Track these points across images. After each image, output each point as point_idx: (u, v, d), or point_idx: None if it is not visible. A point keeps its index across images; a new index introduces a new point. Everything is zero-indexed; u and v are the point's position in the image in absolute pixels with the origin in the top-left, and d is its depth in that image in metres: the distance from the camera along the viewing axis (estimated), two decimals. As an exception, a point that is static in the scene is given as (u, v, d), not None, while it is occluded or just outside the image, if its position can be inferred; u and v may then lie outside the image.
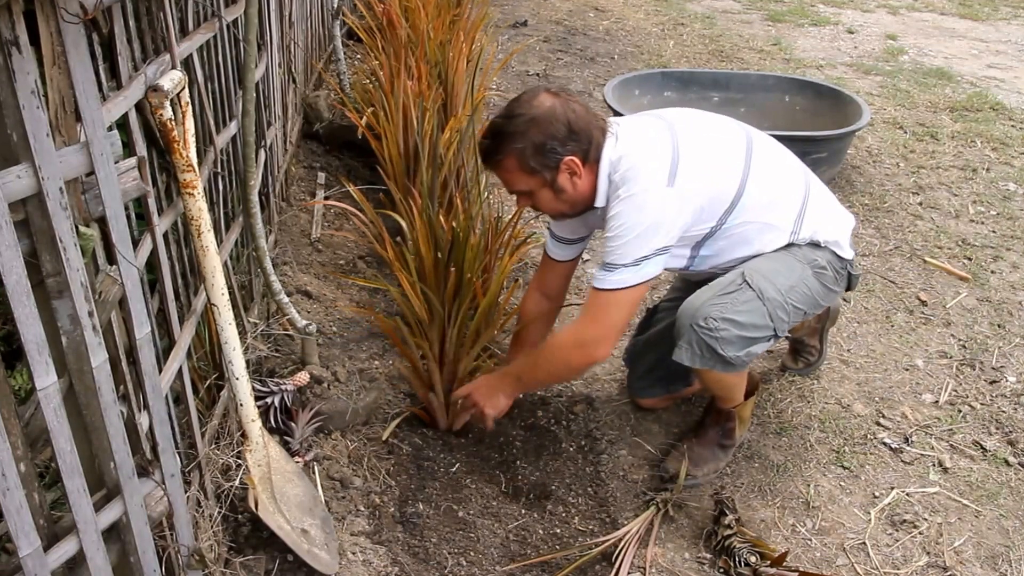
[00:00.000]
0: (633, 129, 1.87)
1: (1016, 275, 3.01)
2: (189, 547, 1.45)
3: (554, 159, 1.78)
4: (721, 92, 4.06)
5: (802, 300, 1.88)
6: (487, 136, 1.83)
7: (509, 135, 1.77)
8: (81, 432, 1.13)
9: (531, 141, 1.76)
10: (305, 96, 3.54)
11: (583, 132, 1.78)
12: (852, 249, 2.00)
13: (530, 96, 1.81)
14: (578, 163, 1.79)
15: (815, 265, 1.91)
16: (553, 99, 1.79)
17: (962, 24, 6.52)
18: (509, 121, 1.78)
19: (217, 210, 1.96)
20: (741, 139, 1.92)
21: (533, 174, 1.80)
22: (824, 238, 1.92)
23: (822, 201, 1.99)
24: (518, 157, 1.78)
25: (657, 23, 6.32)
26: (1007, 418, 2.31)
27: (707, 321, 1.79)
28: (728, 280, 1.85)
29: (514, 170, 1.81)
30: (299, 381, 2.07)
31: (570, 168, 1.79)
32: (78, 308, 1.05)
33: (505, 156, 1.79)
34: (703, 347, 1.81)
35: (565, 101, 1.80)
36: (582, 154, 1.79)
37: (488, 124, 1.85)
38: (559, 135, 1.76)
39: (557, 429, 2.23)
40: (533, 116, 1.76)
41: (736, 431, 2.11)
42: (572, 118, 1.77)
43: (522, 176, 1.81)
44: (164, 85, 1.33)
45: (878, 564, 1.85)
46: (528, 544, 1.88)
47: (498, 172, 1.86)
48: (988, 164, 3.88)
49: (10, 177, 0.93)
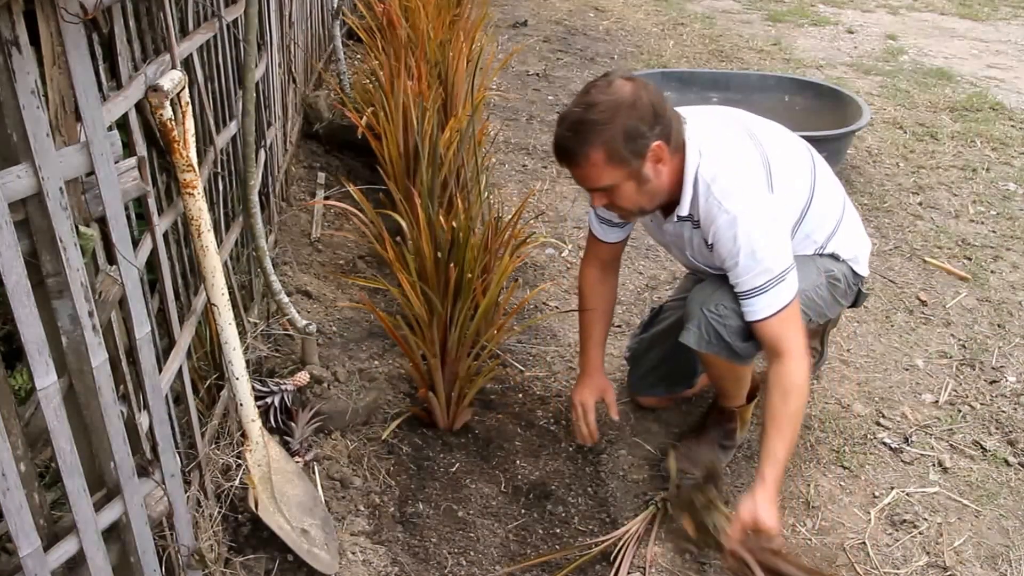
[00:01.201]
0: (708, 131, 1.77)
1: (1016, 275, 3.01)
2: (189, 547, 1.45)
3: (643, 145, 1.64)
4: (721, 92, 4.06)
5: (810, 305, 1.88)
6: (568, 130, 1.66)
7: (595, 125, 1.62)
8: (81, 432, 1.13)
9: (621, 128, 1.61)
10: (305, 96, 3.54)
11: (666, 115, 1.67)
12: (868, 268, 2.02)
13: (605, 83, 1.66)
14: (664, 148, 1.66)
15: (831, 275, 1.92)
16: (631, 84, 1.65)
17: (962, 24, 6.52)
18: (591, 109, 1.63)
19: (217, 210, 1.96)
20: (805, 149, 1.93)
21: (622, 165, 1.65)
22: (845, 254, 1.94)
23: (853, 218, 2.01)
24: (607, 147, 1.62)
25: (657, 23, 6.32)
26: (1007, 418, 2.31)
27: (717, 307, 1.78)
28: None
29: (601, 163, 1.65)
30: (299, 381, 2.07)
31: (657, 155, 1.66)
32: (78, 308, 1.05)
33: (592, 148, 1.63)
34: (711, 332, 1.80)
35: (640, 84, 1.66)
36: (667, 139, 1.67)
37: (564, 118, 1.68)
38: (647, 119, 1.63)
39: (557, 429, 2.23)
40: (619, 102, 1.62)
41: (737, 432, 2.11)
42: (656, 100, 1.65)
43: (609, 169, 1.66)
44: (164, 85, 1.33)
45: (878, 564, 1.85)
46: (528, 544, 1.88)
47: (580, 168, 1.69)
48: (988, 164, 3.88)
49: (10, 177, 0.93)
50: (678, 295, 2.28)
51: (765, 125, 1.91)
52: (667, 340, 2.12)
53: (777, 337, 1.72)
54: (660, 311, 2.26)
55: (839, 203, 1.96)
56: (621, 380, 2.40)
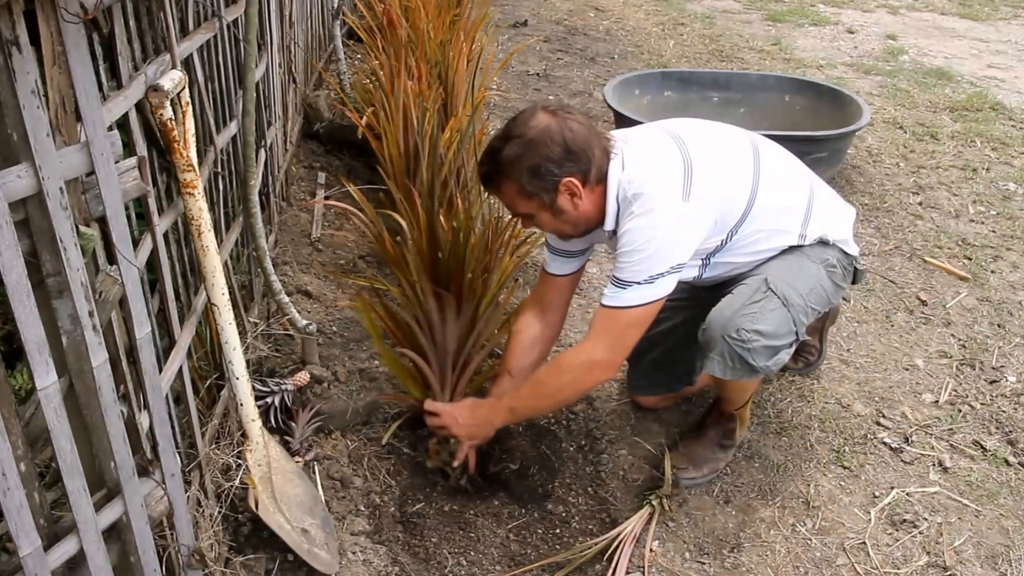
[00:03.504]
0: (640, 147, 1.81)
1: (1016, 275, 3.01)
2: (189, 547, 1.45)
3: (551, 181, 1.70)
4: (721, 92, 4.06)
5: (819, 301, 1.88)
6: (484, 161, 1.77)
7: (505, 159, 1.71)
8: (81, 432, 1.13)
9: (526, 164, 1.69)
10: (305, 96, 3.54)
11: (581, 152, 1.71)
12: (855, 243, 2.00)
13: (527, 116, 1.73)
14: (577, 184, 1.71)
15: (827, 264, 1.91)
16: (550, 118, 1.71)
17: (962, 24, 6.52)
18: (504, 144, 1.72)
19: (217, 210, 1.96)
20: (748, 148, 1.90)
21: (531, 197, 1.73)
22: (833, 237, 1.93)
23: (826, 200, 1.99)
24: (516, 181, 1.71)
25: (657, 23, 6.32)
26: (1007, 418, 2.31)
27: (739, 333, 1.77)
28: (753, 288, 1.83)
29: (512, 194, 1.75)
30: (299, 381, 2.07)
31: (569, 189, 1.72)
32: (78, 308, 1.05)
33: (504, 180, 1.73)
34: (735, 359, 1.79)
35: (563, 120, 1.71)
36: (581, 175, 1.71)
37: (485, 148, 1.78)
38: (555, 156, 1.69)
39: (557, 429, 2.23)
40: (529, 138, 1.69)
41: (736, 431, 2.11)
42: (569, 137, 1.69)
43: (521, 199, 1.75)
44: (164, 85, 1.33)
45: (878, 564, 1.85)
46: (528, 544, 1.88)
47: (498, 195, 1.81)
48: (988, 164, 3.88)
49: (10, 177, 0.93)
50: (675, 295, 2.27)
51: (703, 131, 1.90)
52: (667, 340, 2.12)
53: (605, 327, 1.77)
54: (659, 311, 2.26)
55: (803, 190, 1.93)
56: (621, 381, 2.40)
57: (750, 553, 1.88)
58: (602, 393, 2.38)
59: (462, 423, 1.90)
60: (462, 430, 1.90)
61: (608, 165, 1.76)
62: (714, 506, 2.00)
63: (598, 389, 2.38)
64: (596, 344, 1.77)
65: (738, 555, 1.87)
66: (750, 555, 1.87)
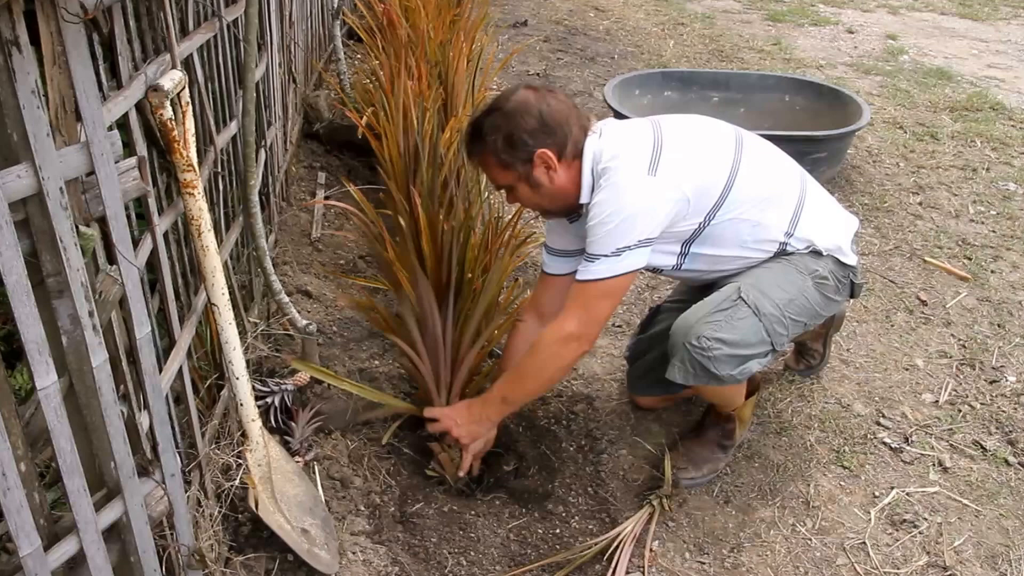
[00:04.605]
0: (617, 128, 1.88)
1: (1016, 275, 3.01)
2: (189, 547, 1.45)
3: (526, 152, 1.77)
4: (721, 92, 4.06)
5: (801, 312, 1.86)
6: (467, 131, 1.86)
7: (484, 129, 1.79)
8: (81, 432, 1.13)
9: (502, 134, 1.77)
10: (305, 96, 3.54)
11: (557, 126, 1.77)
12: (855, 254, 1.97)
13: (509, 91, 1.82)
14: (551, 156, 1.77)
15: (816, 276, 1.88)
16: (530, 93, 1.79)
17: (962, 24, 6.52)
18: (485, 116, 1.80)
19: (217, 210, 1.96)
20: (730, 137, 1.91)
21: (507, 168, 1.80)
22: (825, 246, 1.90)
23: (821, 205, 1.96)
24: (492, 151, 1.79)
25: (657, 23, 6.33)
26: (1007, 418, 2.31)
27: (699, 340, 1.77)
28: (723, 296, 1.82)
29: (491, 164, 1.83)
30: (299, 381, 2.07)
31: (544, 161, 1.78)
32: (78, 308, 1.05)
33: (483, 150, 1.81)
34: (696, 366, 1.79)
35: (542, 95, 1.79)
36: (556, 148, 1.78)
37: (469, 119, 1.87)
38: (529, 127, 1.76)
39: (557, 429, 2.23)
40: (506, 110, 1.77)
41: (736, 431, 2.11)
42: (545, 111, 1.77)
43: (499, 170, 1.82)
44: (164, 85, 1.33)
45: (878, 564, 1.85)
46: (528, 544, 1.88)
47: (480, 166, 1.90)
48: (988, 164, 3.88)
49: (10, 177, 0.93)
50: (676, 296, 2.28)
51: (684, 119, 1.94)
52: (663, 343, 2.12)
53: (581, 298, 1.79)
54: (658, 311, 2.26)
55: (791, 187, 1.92)
56: (621, 381, 2.40)
57: (750, 553, 1.88)
58: (602, 393, 2.38)
59: (461, 423, 1.91)
60: (462, 430, 1.91)
61: (585, 141, 1.81)
62: (714, 506, 2.00)
63: (598, 389, 2.39)
64: (568, 318, 1.81)
65: (738, 555, 1.87)
66: (750, 555, 1.87)
